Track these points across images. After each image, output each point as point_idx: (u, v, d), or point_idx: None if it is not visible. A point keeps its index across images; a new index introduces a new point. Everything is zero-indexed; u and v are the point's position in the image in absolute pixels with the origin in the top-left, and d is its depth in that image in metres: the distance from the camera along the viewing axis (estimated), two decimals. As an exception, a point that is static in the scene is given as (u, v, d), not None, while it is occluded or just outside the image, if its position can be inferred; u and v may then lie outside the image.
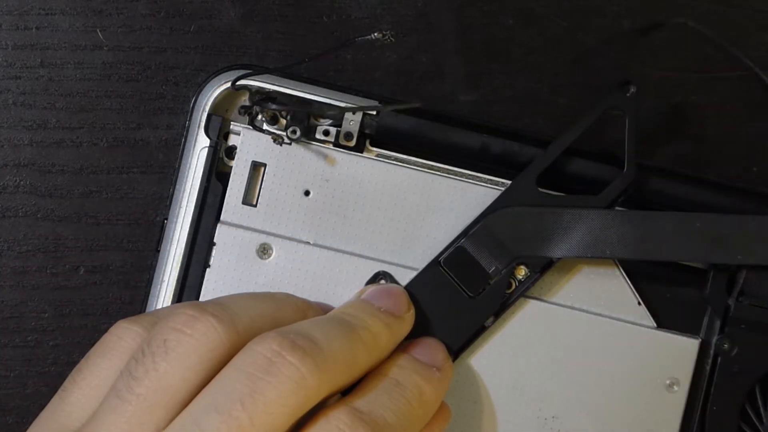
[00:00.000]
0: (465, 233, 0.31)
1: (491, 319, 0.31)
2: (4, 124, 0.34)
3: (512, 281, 0.31)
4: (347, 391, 0.27)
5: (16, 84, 0.34)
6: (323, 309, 0.30)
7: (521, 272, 0.31)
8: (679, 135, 0.35)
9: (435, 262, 0.31)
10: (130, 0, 0.34)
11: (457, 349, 0.31)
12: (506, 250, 0.31)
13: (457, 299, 0.31)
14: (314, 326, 0.26)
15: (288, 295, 0.29)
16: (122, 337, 0.26)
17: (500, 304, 0.31)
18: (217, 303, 0.26)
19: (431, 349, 0.29)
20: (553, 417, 0.32)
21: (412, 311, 0.30)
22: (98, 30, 0.34)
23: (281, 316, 0.27)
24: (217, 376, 0.24)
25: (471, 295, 0.31)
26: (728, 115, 0.35)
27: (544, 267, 0.31)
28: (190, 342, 0.25)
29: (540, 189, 0.31)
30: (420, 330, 0.30)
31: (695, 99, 0.35)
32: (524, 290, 0.31)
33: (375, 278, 0.31)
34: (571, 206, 0.31)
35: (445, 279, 0.31)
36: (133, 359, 0.25)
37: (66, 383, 0.26)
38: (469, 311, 0.31)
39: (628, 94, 0.31)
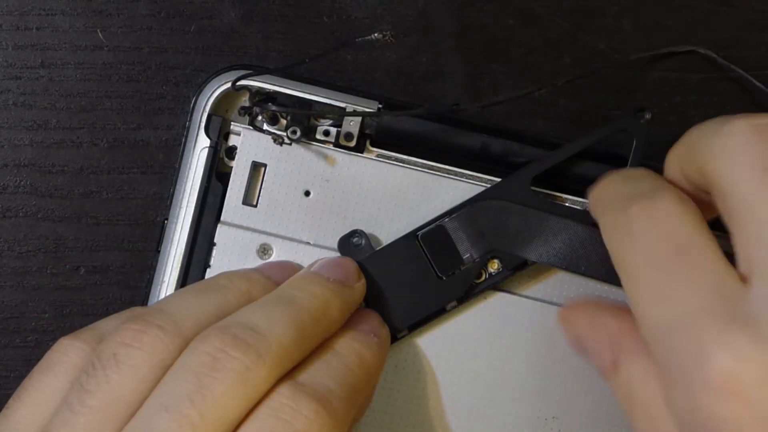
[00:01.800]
0: (449, 213, 0.31)
1: (453, 303, 0.31)
2: (5, 125, 0.34)
3: (483, 272, 0.31)
4: None
5: (17, 84, 0.34)
6: (276, 268, 0.30)
7: (494, 266, 0.31)
8: (680, 135, 0.35)
9: (413, 234, 0.31)
10: (131, 0, 0.34)
11: (411, 325, 0.31)
12: (485, 241, 0.31)
13: (425, 276, 0.31)
14: (257, 312, 0.26)
15: (230, 278, 0.29)
16: (66, 353, 0.26)
17: (466, 292, 0.31)
18: (160, 310, 0.26)
19: (365, 317, 0.30)
20: (553, 417, 0.32)
21: (363, 281, 0.30)
22: (98, 30, 0.34)
23: (226, 305, 0.27)
24: (164, 378, 0.24)
25: (440, 275, 0.31)
26: (728, 115, 0.35)
27: (517, 266, 0.31)
28: (140, 354, 0.25)
29: (533, 188, 0.31)
30: (380, 296, 0.30)
31: (695, 99, 0.35)
32: (492, 284, 0.31)
33: (351, 235, 0.31)
34: (559, 214, 0.31)
35: (418, 253, 0.31)
36: (84, 373, 0.25)
37: (10, 402, 0.26)
38: (434, 291, 0.31)
39: (642, 121, 0.31)
